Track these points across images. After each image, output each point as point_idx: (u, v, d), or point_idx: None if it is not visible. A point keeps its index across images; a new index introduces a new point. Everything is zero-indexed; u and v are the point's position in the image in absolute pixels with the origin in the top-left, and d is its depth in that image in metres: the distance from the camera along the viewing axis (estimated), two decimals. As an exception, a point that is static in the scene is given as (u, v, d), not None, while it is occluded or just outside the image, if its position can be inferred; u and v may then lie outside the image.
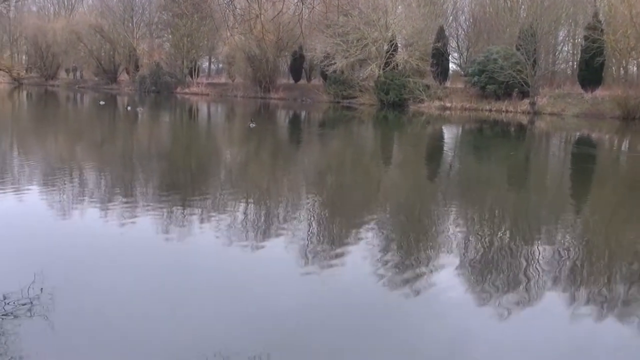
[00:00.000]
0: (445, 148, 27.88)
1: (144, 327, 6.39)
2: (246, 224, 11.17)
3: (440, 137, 33.01)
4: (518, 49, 46.16)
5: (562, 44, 59.27)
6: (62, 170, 16.65)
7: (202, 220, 11.08)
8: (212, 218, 11.26)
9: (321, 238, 10.58)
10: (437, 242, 10.38)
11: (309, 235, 10.49)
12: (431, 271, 8.65)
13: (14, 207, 11.76)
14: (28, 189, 13.47)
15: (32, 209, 11.58)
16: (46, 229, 10.12)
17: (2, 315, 6.35)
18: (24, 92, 63.81)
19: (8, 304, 6.62)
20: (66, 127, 31.80)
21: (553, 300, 7.69)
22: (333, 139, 30.02)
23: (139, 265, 8.35)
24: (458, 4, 63.40)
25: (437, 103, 50.04)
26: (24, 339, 5.87)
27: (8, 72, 70.26)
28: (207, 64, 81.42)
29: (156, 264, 8.46)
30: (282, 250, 9.36)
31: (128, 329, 6.32)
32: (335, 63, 53.00)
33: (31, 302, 6.69)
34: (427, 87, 51.18)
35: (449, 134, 35.96)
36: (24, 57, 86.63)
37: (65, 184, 14.50)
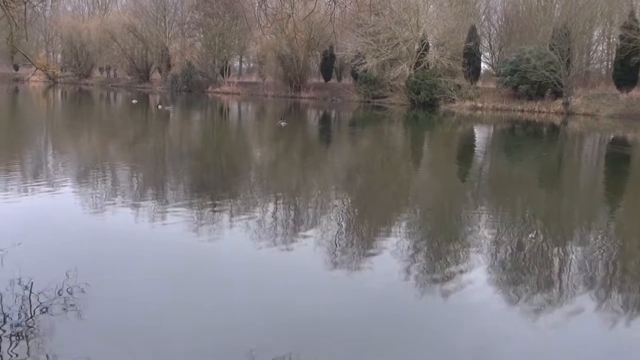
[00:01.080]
0: (476, 148, 27.65)
1: (173, 323, 6.43)
2: (275, 223, 11.19)
3: (471, 138, 32.74)
4: (551, 49, 45.54)
5: (596, 43, 58.36)
6: (95, 168, 16.90)
7: (231, 219, 11.13)
8: (242, 217, 11.30)
9: (350, 238, 10.55)
10: (467, 243, 10.28)
11: (337, 235, 10.47)
12: (461, 273, 8.57)
13: (48, 204, 11.96)
14: (62, 186, 13.67)
15: (66, 206, 11.76)
16: (79, 226, 10.26)
17: (37, 309, 6.46)
18: (59, 91, 64.87)
19: (43, 298, 6.73)
20: (99, 125, 32.24)
21: (585, 303, 7.55)
22: (363, 138, 29.96)
23: (168, 263, 8.42)
24: (490, 3, 62.82)
25: (468, 103, 49.62)
26: (58, 333, 5.97)
27: (44, 71, 71.42)
28: (238, 63, 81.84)
29: (186, 262, 8.52)
30: (310, 250, 9.36)
31: (158, 325, 6.37)
32: (366, 62, 52.85)
33: (65, 297, 6.80)
34: (459, 86, 50.78)
35: (480, 134, 35.65)
36: (59, 56, 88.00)
37: (97, 181, 14.71)
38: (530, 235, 11.04)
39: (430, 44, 53.78)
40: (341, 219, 11.86)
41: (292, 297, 7.32)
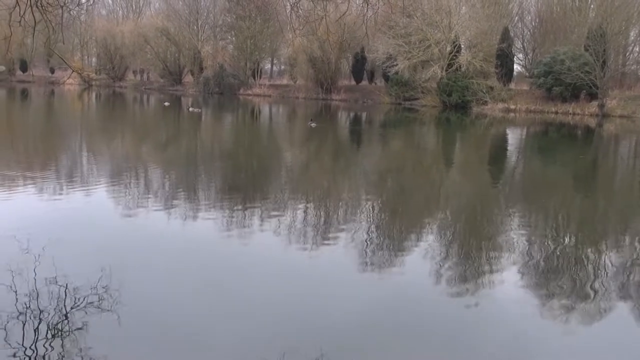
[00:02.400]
0: (508, 151, 27.35)
1: (204, 323, 6.48)
2: (305, 225, 11.19)
3: (503, 140, 32.40)
4: (586, 50, 44.89)
5: (633, 44, 57.29)
6: (128, 169, 17.13)
7: (262, 221, 11.18)
8: (272, 218, 11.33)
9: (380, 240, 10.51)
10: (499, 246, 10.16)
11: (368, 237, 10.44)
12: (492, 275, 8.49)
13: (83, 203, 12.14)
14: (96, 187, 13.88)
15: (100, 206, 11.94)
16: (113, 225, 10.41)
17: (73, 307, 6.56)
18: (93, 93, 65.89)
19: (78, 296, 6.84)
20: (132, 127, 32.66)
21: (619, 309, 7.42)
22: (394, 140, 29.85)
23: (200, 263, 8.49)
24: (524, 4, 62.16)
25: (500, 105, 49.13)
26: (92, 331, 6.05)
27: (79, 74, 72.62)
28: (270, 65, 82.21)
29: (217, 263, 8.60)
30: (341, 251, 9.36)
31: (189, 324, 6.42)
32: (397, 64, 52.66)
33: (99, 295, 6.89)
34: (491, 88, 50.31)
35: (513, 136, 35.26)
36: (93, 59, 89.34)
37: (131, 182, 14.90)
38: (563, 239, 10.89)
39: (462, 46, 53.40)
40: (372, 221, 11.83)
41: (321, 299, 7.32)
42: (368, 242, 10.07)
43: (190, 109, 41.13)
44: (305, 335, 6.32)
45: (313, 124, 30.76)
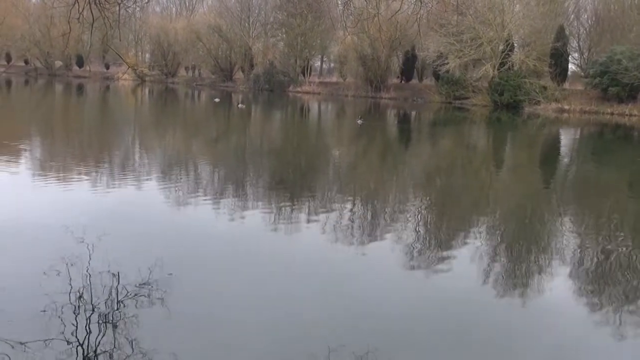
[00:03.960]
0: (561, 152, 26.78)
1: (252, 316, 6.54)
2: (352, 223, 11.19)
3: (556, 141, 31.73)
4: (645, 49, 43.61)
5: (695, 43, 55.31)
6: (178, 163, 17.41)
7: (309, 218, 11.21)
8: (320, 216, 11.36)
9: (428, 240, 10.43)
10: (549, 250, 9.97)
11: (415, 237, 10.37)
12: (541, 280, 8.34)
13: (134, 197, 12.41)
14: (148, 180, 14.14)
15: (151, 200, 12.15)
16: (163, 219, 10.59)
17: (124, 298, 6.70)
18: (146, 89, 67.13)
19: (129, 288, 6.98)
20: (183, 122, 33.15)
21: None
22: (443, 139, 29.56)
23: (248, 258, 8.57)
24: (580, 1, 60.66)
25: (554, 105, 48.13)
26: (143, 323, 6.17)
27: (133, 70, 74.11)
28: (319, 63, 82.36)
29: (264, 258, 8.65)
30: (387, 250, 9.32)
31: (237, 317, 6.49)
32: (448, 63, 52.13)
33: (150, 288, 7.03)
34: (544, 88, 49.33)
35: (566, 137, 34.51)
36: (147, 55, 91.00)
37: (181, 176, 15.13)
38: (616, 244, 10.59)
39: (515, 44, 52.53)
40: (419, 221, 11.74)
41: (367, 297, 7.31)
42: (415, 242, 10.00)
43: (239, 106, 41.56)
44: (351, 333, 6.31)
45: (361, 121, 30.77)
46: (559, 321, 6.95)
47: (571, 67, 57.07)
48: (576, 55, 60.61)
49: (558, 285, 8.07)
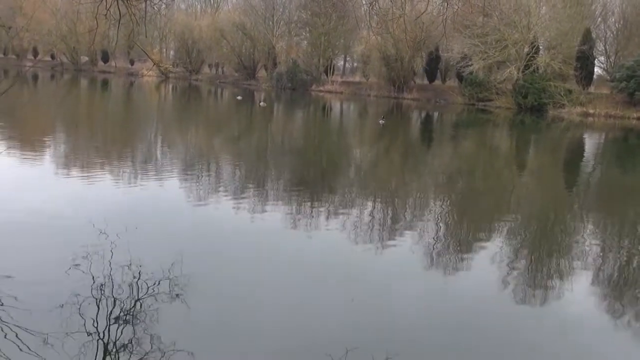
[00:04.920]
0: (585, 156, 26.48)
1: (270, 315, 6.57)
2: (372, 223, 11.17)
3: (580, 145, 31.39)
4: (674, 54, 42.97)
5: None
6: (200, 160, 17.51)
7: (329, 217, 11.21)
8: (340, 215, 11.36)
9: (448, 242, 10.38)
10: (571, 254, 9.88)
11: (435, 238, 10.33)
12: (562, 284, 8.27)
13: (156, 193, 12.49)
14: (170, 177, 14.23)
15: (173, 196, 12.24)
16: (185, 215, 10.66)
17: (144, 293, 6.76)
18: (170, 86, 67.54)
19: (151, 283, 7.03)
20: (205, 120, 33.31)
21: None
22: (465, 141, 29.38)
23: (267, 256, 8.61)
24: (608, 5, 59.85)
25: (578, 109, 47.59)
26: (163, 319, 6.23)
27: (159, 67, 74.62)
28: (342, 62, 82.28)
29: (284, 256, 8.68)
30: (407, 251, 9.30)
31: (255, 315, 6.53)
32: (472, 64, 51.78)
33: (171, 284, 7.08)
34: (569, 91, 48.79)
35: (591, 141, 34.12)
36: (171, 52, 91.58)
37: (202, 173, 15.21)
38: (639, 250, 10.46)
39: (540, 47, 52.01)
40: (439, 222, 11.69)
41: (386, 298, 7.30)
42: (435, 243, 9.96)
43: (261, 104, 41.69)
44: (369, 334, 6.31)
45: (383, 122, 30.76)
46: (580, 326, 6.90)
47: (597, 70, 56.43)
48: (602, 58, 59.92)
49: (579, 290, 8.00)
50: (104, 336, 5.72)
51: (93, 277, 7.06)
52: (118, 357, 5.41)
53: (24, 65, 76.14)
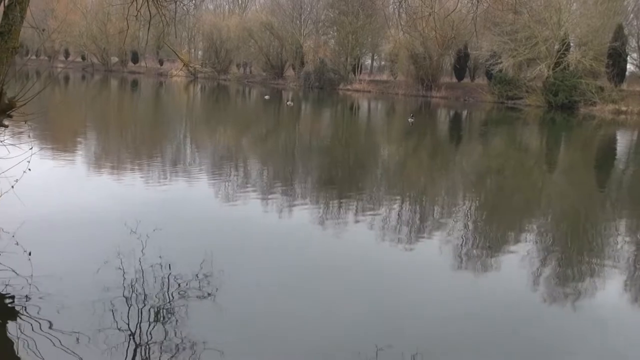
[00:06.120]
0: (617, 155, 26.06)
1: (299, 314, 6.58)
2: (400, 222, 11.13)
3: (612, 143, 30.88)
4: None
5: None
6: (228, 160, 17.61)
7: (357, 216, 11.20)
8: (367, 214, 11.34)
9: (477, 241, 10.30)
10: (603, 254, 9.73)
11: (464, 237, 10.26)
12: (593, 285, 8.15)
13: (185, 192, 12.60)
14: (199, 176, 14.34)
15: (202, 195, 12.36)
16: (213, 214, 10.74)
17: (175, 292, 6.82)
18: (199, 85, 68.08)
19: (180, 282, 7.10)
20: (233, 119, 33.47)
21: None
22: (495, 139, 29.10)
23: (295, 254, 8.66)
24: (640, 0, 58.80)
25: (610, 106, 46.78)
26: (193, 317, 6.27)
27: (188, 67, 75.17)
28: (370, 61, 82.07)
29: (312, 255, 8.72)
30: (436, 250, 9.26)
31: (284, 314, 6.55)
32: (502, 62, 51.26)
33: (200, 282, 7.14)
34: (601, 89, 47.99)
35: (623, 139, 33.54)
36: (199, 52, 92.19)
37: (230, 173, 15.31)
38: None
39: (571, 44, 51.27)
40: (468, 221, 11.61)
41: (415, 297, 7.29)
42: (464, 243, 9.89)
43: (288, 103, 41.78)
44: (398, 333, 6.28)
45: (412, 120, 30.70)
46: (614, 327, 6.78)
47: (630, 67, 55.34)
48: (635, 55, 58.80)
49: (612, 290, 7.88)
50: (134, 333, 5.78)
51: (124, 275, 7.15)
52: (149, 355, 5.46)
53: (55, 67, 77.32)
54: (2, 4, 7.04)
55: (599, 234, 11.31)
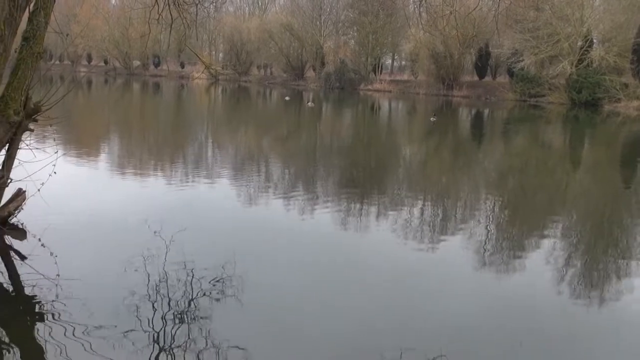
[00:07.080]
0: (643, 152, 25.70)
1: (321, 315, 6.59)
2: (423, 222, 11.09)
3: (637, 140, 30.46)
4: None
5: None
6: (249, 161, 17.68)
7: (378, 216, 11.18)
8: (389, 214, 11.32)
9: (500, 241, 10.24)
10: (628, 253, 9.61)
11: (487, 236, 10.20)
12: (620, 285, 8.04)
13: (209, 193, 12.71)
14: (221, 177, 14.44)
15: (224, 196, 12.43)
16: (236, 215, 10.80)
17: (198, 292, 6.87)
18: (220, 88, 68.42)
19: (204, 282, 7.14)
20: (254, 121, 33.60)
21: None
22: (517, 138, 28.88)
23: (318, 255, 8.67)
24: (665, -6, 57.92)
25: (635, 103, 46.13)
26: (217, 317, 6.31)
27: (210, 70, 75.54)
28: (390, 61, 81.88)
29: (334, 256, 8.71)
30: (458, 250, 9.21)
31: (307, 315, 6.56)
32: (523, 60, 50.84)
33: (224, 283, 7.18)
34: (625, 85, 47.36)
35: (649, 136, 33.08)
36: (220, 54, 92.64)
37: (252, 174, 15.37)
38: None
39: (594, 40, 50.67)
40: (491, 221, 11.53)
41: (438, 297, 7.25)
42: (487, 242, 9.83)
43: (309, 104, 41.83)
44: (421, 334, 6.27)
45: (434, 119, 30.68)
46: (636, 328, 6.70)
47: (654, 63, 54.52)
48: (660, 51, 57.95)
49: (638, 291, 7.76)
50: (159, 334, 5.83)
51: (149, 277, 7.21)
52: (173, 355, 5.51)
53: (78, 71, 78.24)
54: (27, 9, 7.15)
55: (625, 233, 11.18)
